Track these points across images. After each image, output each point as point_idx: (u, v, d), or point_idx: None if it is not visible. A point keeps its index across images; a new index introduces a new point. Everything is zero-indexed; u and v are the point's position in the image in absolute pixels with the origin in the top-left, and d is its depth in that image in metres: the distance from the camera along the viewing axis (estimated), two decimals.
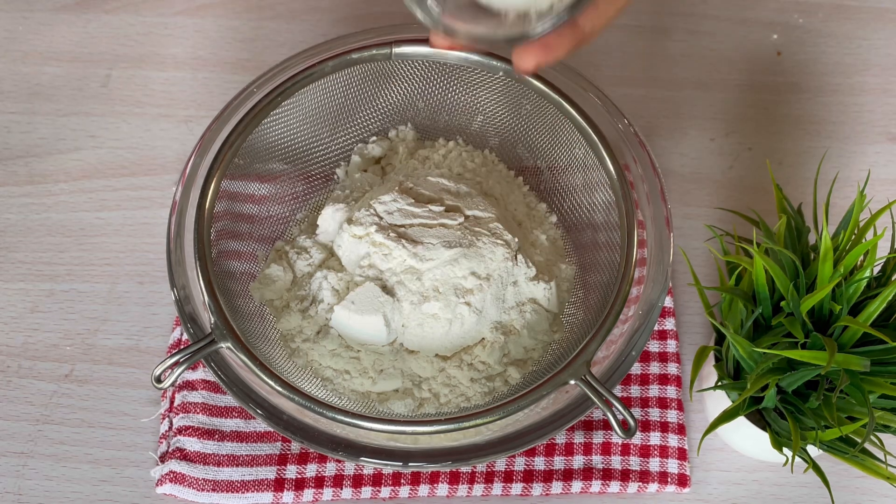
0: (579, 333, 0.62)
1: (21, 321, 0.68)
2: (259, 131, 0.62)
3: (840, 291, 0.54)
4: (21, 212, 0.73)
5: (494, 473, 0.63)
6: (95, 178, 0.74)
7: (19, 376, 0.66)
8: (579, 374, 0.54)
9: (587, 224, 0.66)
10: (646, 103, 0.78)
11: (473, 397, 0.61)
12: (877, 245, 0.54)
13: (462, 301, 0.60)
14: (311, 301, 0.63)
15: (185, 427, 0.63)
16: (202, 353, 0.54)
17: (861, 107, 0.79)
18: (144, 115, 0.77)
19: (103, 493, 0.63)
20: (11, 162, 0.75)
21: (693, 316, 0.69)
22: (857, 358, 0.52)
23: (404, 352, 0.62)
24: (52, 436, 0.64)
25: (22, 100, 0.78)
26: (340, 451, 0.54)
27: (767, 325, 0.56)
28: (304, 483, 0.62)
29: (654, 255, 0.59)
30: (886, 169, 0.76)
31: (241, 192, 0.64)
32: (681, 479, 0.63)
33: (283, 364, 0.60)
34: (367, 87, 0.67)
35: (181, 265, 0.58)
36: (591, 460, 0.63)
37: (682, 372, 0.67)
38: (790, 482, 0.64)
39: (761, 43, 0.82)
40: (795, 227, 0.58)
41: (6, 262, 0.71)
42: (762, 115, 0.78)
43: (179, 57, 0.80)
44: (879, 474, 0.55)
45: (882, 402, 0.55)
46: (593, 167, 0.62)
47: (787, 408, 0.56)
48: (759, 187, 0.75)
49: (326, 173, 0.69)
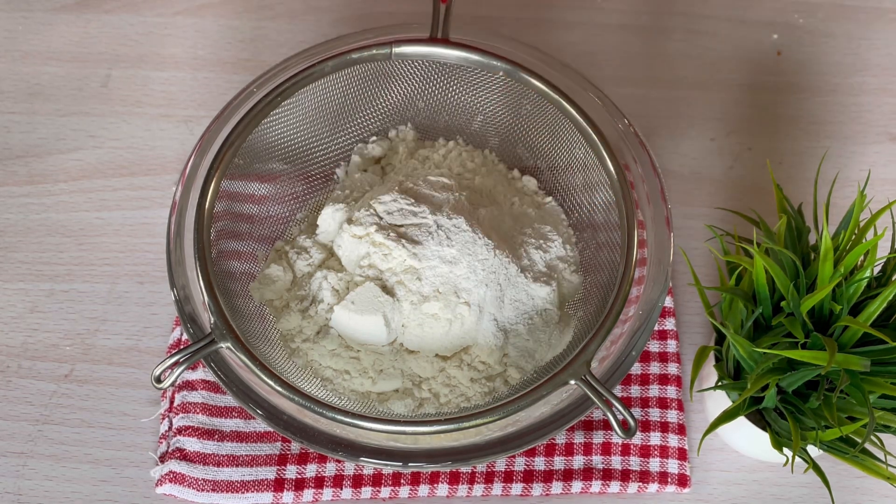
0: (579, 333, 0.62)
1: (21, 321, 0.68)
2: (259, 131, 0.62)
3: (840, 291, 0.54)
4: (21, 212, 0.73)
5: (494, 473, 0.63)
6: (95, 178, 0.74)
7: (19, 376, 0.66)
8: (579, 374, 0.54)
9: (587, 224, 0.66)
10: (646, 103, 0.78)
11: (473, 397, 0.61)
12: (877, 245, 0.54)
13: (462, 301, 0.60)
14: (310, 301, 0.63)
15: (185, 427, 0.63)
16: (202, 353, 0.54)
17: (861, 107, 0.79)
18: (144, 115, 0.77)
19: (103, 493, 0.63)
20: (11, 162, 0.75)
21: (693, 316, 0.69)
22: (857, 358, 0.52)
23: (404, 352, 0.62)
24: (51, 436, 0.64)
25: (22, 100, 0.78)
26: (340, 452, 0.54)
27: (767, 325, 0.56)
28: (303, 483, 0.62)
29: (654, 255, 0.59)
30: (886, 169, 0.76)
31: (241, 192, 0.64)
32: (681, 479, 0.63)
33: (283, 364, 0.60)
34: (367, 87, 0.66)
35: (181, 265, 0.58)
36: (591, 460, 0.63)
37: (683, 372, 0.67)
38: (790, 482, 0.64)
39: (761, 43, 0.82)
40: (796, 227, 0.58)
41: (6, 262, 0.71)
42: (762, 115, 0.78)
43: (179, 57, 0.80)
44: (879, 474, 0.55)
45: (882, 402, 0.55)
46: (593, 167, 0.62)
47: (788, 408, 0.56)
48: (759, 187, 0.75)
49: (326, 173, 0.69)
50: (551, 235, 0.65)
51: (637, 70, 0.80)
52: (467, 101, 0.68)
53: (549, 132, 0.66)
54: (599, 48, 0.81)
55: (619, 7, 0.83)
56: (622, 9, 0.83)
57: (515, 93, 0.65)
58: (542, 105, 0.64)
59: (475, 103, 0.68)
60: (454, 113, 0.69)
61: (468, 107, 0.68)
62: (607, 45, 0.81)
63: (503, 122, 0.68)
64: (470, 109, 0.68)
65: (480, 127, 0.69)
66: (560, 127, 0.64)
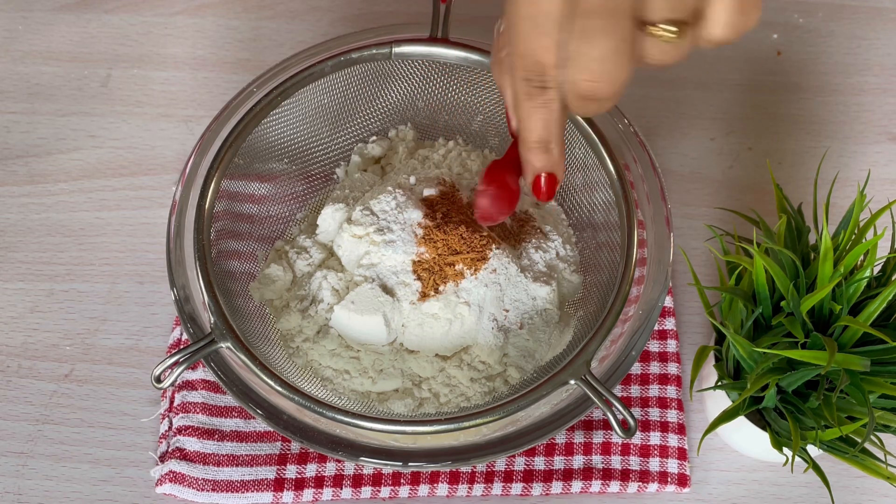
0: (579, 333, 0.62)
1: (21, 321, 0.68)
2: (259, 131, 0.62)
3: (840, 291, 0.54)
4: (21, 212, 0.73)
5: (494, 473, 0.63)
6: (95, 178, 0.74)
7: (19, 376, 0.66)
8: (579, 374, 0.54)
9: (587, 224, 0.66)
10: (646, 103, 0.78)
11: (473, 397, 0.61)
12: (877, 245, 0.54)
13: (462, 301, 0.60)
14: (310, 301, 0.63)
15: (185, 427, 0.63)
16: (202, 353, 0.54)
17: (861, 107, 0.79)
18: (144, 114, 0.77)
19: (103, 493, 0.63)
20: (11, 162, 0.75)
21: (693, 316, 0.69)
22: (857, 358, 0.52)
23: (404, 352, 0.62)
24: (51, 436, 0.64)
25: (22, 100, 0.78)
26: (340, 451, 0.54)
27: (767, 325, 0.56)
28: (303, 483, 0.62)
29: (654, 255, 0.59)
30: (886, 169, 0.76)
31: (241, 192, 0.64)
32: (681, 479, 0.63)
33: (283, 364, 0.60)
34: (367, 87, 0.66)
35: (181, 265, 0.58)
36: (591, 460, 0.63)
37: (682, 372, 0.67)
38: (790, 482, 0.64)
39: (761, 43, 0.82)
40: (795, 227, 0.58)
41: (6, 262, 0.71)
42: (762, 115, 0.78)
43: (179, 57, 0.80)
44: (879, 474, 0.55)
45: (882, 402, 0.55)
46: (593, 167, 0.62)
47: (787, 408, 0.56)
48: (759, 187, 0.75)
49: (326, 173, 0.69)
50: (551, 235, 0.65)
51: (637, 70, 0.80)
52: (467, 101, 0.68)
53: None
54: None
55: None
56: None
57: None
58: None
59: (475, 103, 0.68)
60: (454, 113, 0.69)
61: (468, 107, 0.68)
62: None
63: (503, 122, 0.68)
64: (470, 109, 0.68)
65: (480, 127, 0.69)
66: None
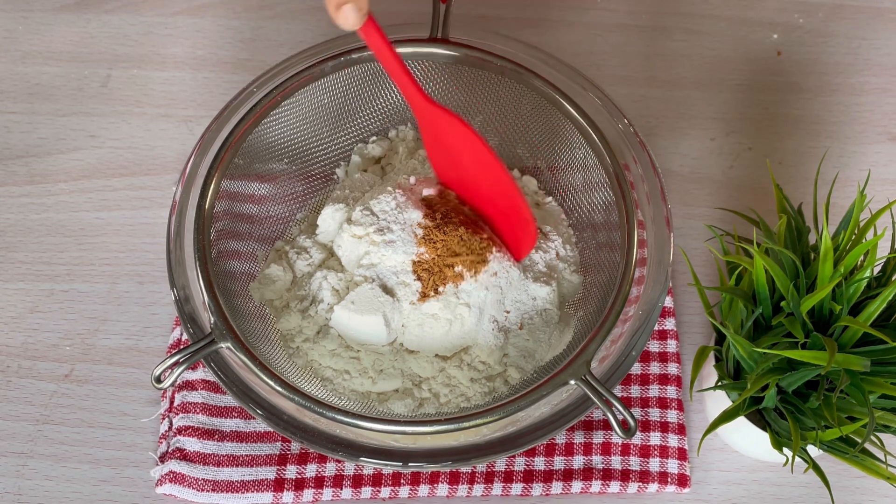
0: (579, 333, 0.62)
1: (21, 321, 0.68)
2: (259, 131, 0.62)
3: (840, 291, 0.54)
4: (21, 212, 0.73)
5: (494, 473, 0.63)
6: (95, 178, 0.74)
7: (19, 376, 0.66)
8: (579, 374, 0.54)
9: (587, 224, 0.66)
10: (646, 103, 0.78)
11: (473, 397, 0.61)
12: (877, 245, 0.54)
13: (462, 301, 0.60)
14: (311, 301, 0.63)
15: (185, 427, 0.63)
16: (202, 353, 0.54)
17: (861, 107, 0.79)
18: (144, 115, 0.77)
19: (103, 493, 0.63)
20: (11, 162, 0.75)
21: (693, 316, 0.69)
22: (857, 358, 0.52)
23: (404, 352, 0.62)
24: (51, 436, 0.64)
25: (22, 100, 0.78)
26: (340, 452, 0.54)
27: (767, 325, 0.56)
28: (303, 483, 0.62)
29: (654, 255, 0.59)
30: (886, 169, 0.76)
31: (241, 192, 0.64)
32: (681, 479, 0.63)
33: (283, 364, 0.60)
34: (367, 87, 0.66)
35: (181, 265, 0.58)
36: (591, 460, 0.63)
37: (683, 372, 0.67)
38: (790, 482, 0.64)
39: (761, 43, 0.82)
40: (795, 227, 0.58)
41: (6, 262, 0.71)
42: (762, 115, 0.78)
43: (179, 57, 0.80)
44: (879, 474, 0.55)
45: (882, 402, 0.55)
46: (593, 167, 0.62)
47: (787, 408, 0.56)
48: (759, 187, 0.75)
49: (326, 173, 0.69)
50: (551, 235, 0.65)
51: (637, 70, 0.80)
52: (467, 101, 0.68)
53: (549, 132, 0.66)
54: (599, 48, 0.81)
55: (619, 7, 0.83)
56: (622, 9, 0.83)
57: (515, 93, 0.65)
58: (541, 105, 0.64)
59: (475, 103, 0.68)
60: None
61: (468, 107, 0.68)
62: (607, 45, 0.81)
63: (503, 122, 0.68)
64: (470, 109, 0.68)
65: (480, 127, 0.69)
66: (560, 127, 0.64)
